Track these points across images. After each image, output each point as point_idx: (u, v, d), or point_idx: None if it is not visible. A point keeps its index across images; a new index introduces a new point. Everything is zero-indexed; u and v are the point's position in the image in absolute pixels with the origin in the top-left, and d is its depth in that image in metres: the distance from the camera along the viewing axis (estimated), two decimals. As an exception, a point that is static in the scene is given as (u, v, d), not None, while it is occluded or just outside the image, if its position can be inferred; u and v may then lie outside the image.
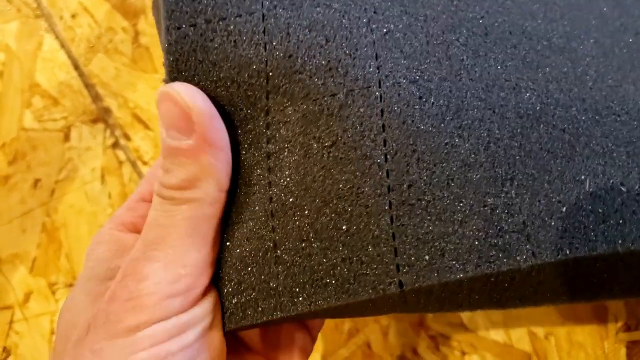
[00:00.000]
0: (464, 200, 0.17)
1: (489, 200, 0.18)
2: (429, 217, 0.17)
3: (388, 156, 0.18)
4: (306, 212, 0.18)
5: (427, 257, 0.17)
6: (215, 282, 0.19)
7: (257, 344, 0.22)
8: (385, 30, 0.19)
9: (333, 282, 0.18)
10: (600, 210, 0.18)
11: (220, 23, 0.18)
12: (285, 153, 0.18)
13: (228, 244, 0.19)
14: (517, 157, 0.18)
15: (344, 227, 0.18)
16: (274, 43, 0.18)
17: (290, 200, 0.18)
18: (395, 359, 0.33)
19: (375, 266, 0.17)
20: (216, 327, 0.19)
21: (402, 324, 0.33)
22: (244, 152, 0.19)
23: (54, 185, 0.35)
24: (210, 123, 0.18)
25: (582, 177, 0.18)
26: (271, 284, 0.18)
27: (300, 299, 0.18)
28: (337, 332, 0.33)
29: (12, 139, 0.36)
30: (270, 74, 0.18)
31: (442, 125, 0.18)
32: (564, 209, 0.18)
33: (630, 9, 0.23)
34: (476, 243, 0.17)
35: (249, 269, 0.18)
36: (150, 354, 0.16)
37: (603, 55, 0.21)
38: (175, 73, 0.18)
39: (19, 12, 0.38)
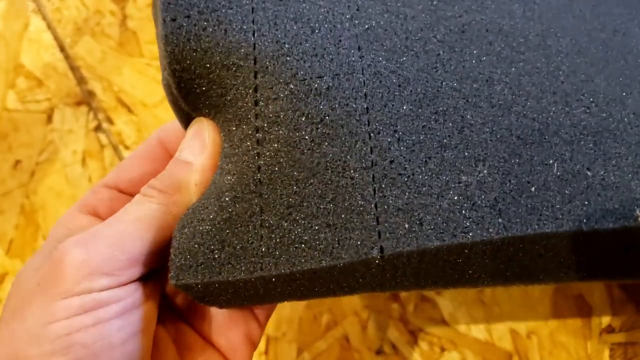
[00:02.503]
0: (440, 176, 0.19)
1: (463, 177, 0.19)
2: (408, 190, 0.19)
3: (372, 134, 0.20)
4: (294, 181, 0.19)
5: (406, 226, 0.19)
6: (159, 269, 0.21)
7: (204, 329, 0.23)
8: (367, 26, 0.21)
9: (317, 245, 0.19)
10: (567, 192, 0.20)
11: (212, 14, 0.20)
12: (274, 127, 0.20)
13: (215, 208, 0.20)
14: (489, 141, 0.20)
15: (330, 196, 0.19)
16: (262, 30, 0.20)
17: (278, 169, 0.20)
18: (374, 353, 0.32)
19: (358, 232, 0.19)
20: (141, 308, 0.20)
21: (381, 317, 0.33)
22: (234, 127, 0.21)
23: (34, 167, 0.35)
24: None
25: (551, 161, 0.20)
26: (254, 244, 0.19)
27: (282, 259, 0.19)
28: (315, 324, 0.32)
29: (-6, 118, 0.35)
30: (258, 55, 0.20)
31: (420, 110, 0.20)
32: (533, 189, 0.20)
33: (611, 8, 0.24)
34: (452, 215, 0.19)
35: (234, 229, 0.20)
36: (63, 325, 0.17)
37: (578, 53, 0.22)
38: (173, 63, 0.20)
39: (6, -9, 0.38)
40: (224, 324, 0.23)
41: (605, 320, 0.32)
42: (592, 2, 0.24)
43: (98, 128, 0.36)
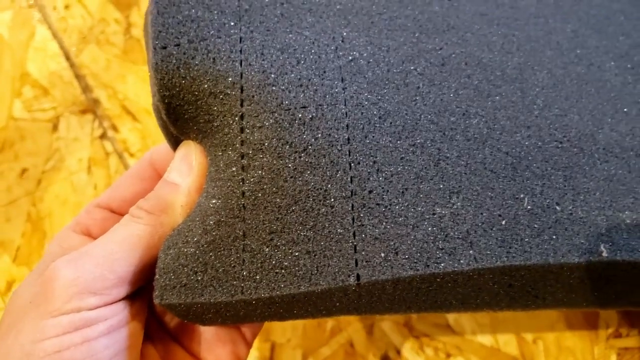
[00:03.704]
0: (416, 207, 0.20)
1: (437, 209, 0.20)
2: (385, 220, 0.20)
3: (352, 164, 0.20)
4: (276, 207, 0.20)
5: (382, 255, 0.20)
6: (145, 287, 0.22)
7: (193, 347, 0.24)
8: (350, 57, 0.22)
9: (297, 271, 0.20)
10: (536, 226, 0.20)
11: (202, 43, 0.21)
12: (259, 154, 0.21)
13: (200, 231, 0.21)
14: (464, 174, 0.21)
15: (310, 223, 0.20)
16: (249, 60, 0.21)
17: (261, 195, 0.20)
18: (379, 359, 0.32)
19: (336, 260, 0.20)
20: (127, 326, 0.20)
21: (386, 323, 0.33)
22: (220, 153, 0.21)
23: (40, 175, 0.35)
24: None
25: (522, 195, 0.21)
26: (236, 268, 0.20)
27: (263, 283, 0.20)
28: (319, 330, 0.33)
29: (1, 128, 0.36)
30: (245, 84, 0.21)
31: (399, 142, 0.21)
32: (504, 222, 0.20)
33: (587, 40, 0.25)
34: (426, 245, 0.20)
35: (217, 252, 0.20)
36: (53, 342, 0.18)
37: (553, 86, 0.23)
38: (163, 90, 0.21)
39: (12, 1, 0.38)
40: (212, 342, 0.24)
41: (613, 325, 0.32)
42: (569, 34, 0.25)
43: (103, 136, 0.36)
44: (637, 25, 0.26)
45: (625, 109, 0.23)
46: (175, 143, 0.23)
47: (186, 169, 0.22)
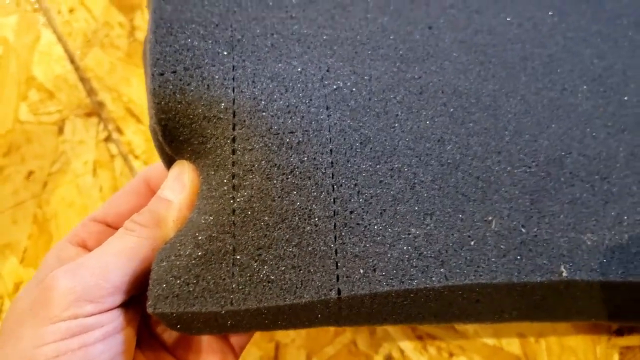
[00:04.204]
0: (393, 227, 0.22)
1: (412, 229, 0.22)
2: (365, 239, 0.22)
3: (335, 186, 0.22)
4: (264, 224, 0.22)
5: (361, 271, 0.21)
6: (138, 296, 0.23)
7: (183, 353, 0.25)
8: (335, 86, 0.23)
9: (282, 285, 0.21)
10: (502, 247, 0.22)
11: (197, 70, 0.22)
12: (249, 175, 0.22)
13: (191, 245, 0.22)
14: (437, 197, 0.22)
15: (295, 240, 0.21)
16: (241, 87, 0.22)
17: (250, 213, 0.22)
18: (382, 359, 0.32)
19: (319, 275, 0.21)
20: (122, 332, 0.21)
21: (389, 323, 0.33)
22: (212, 172, 0.23)
23: (46, 177, 0.36)
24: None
25: (490, 217, 0.22)
26: (226, 281, 0.21)
27: (251, 296, 0.21)
28: (323, 330, 0.33)
29: (7, 131, 0.36)
30: (237, 109, 0.22)
31: (378, 166, 0.22)
32: (473, 243, 0.22)
33: (563, 65, 0.26)
34: (401, 263, 0.21)
35: (208, 265, 0.22)
36: (52, 348, 0.19)
37: (525, 112, 0.24)
38: (159, 113, 0.22)
39: (18, 6, 0.39)
40: (202, 351, 0.25)
41: (615, 324, 0.32)
42: (545, 59, 0.26)
43: (108, 138, 0.37)
44: (613, 47, 0.26)
45: (593, 134, 0.24)
46: (169, 162, 0.25)
47: (179, 186, 0.23)
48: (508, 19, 0.26)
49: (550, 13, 0.27)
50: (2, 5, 0.39)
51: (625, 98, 0.25)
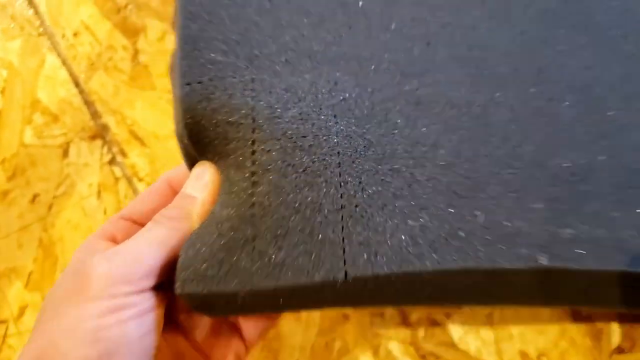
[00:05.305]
0: (393, 220, 0.25)
1: (409, 222, 0.25)
2: (368, 229, 0.25)
3: (342, 184, 0.25)
4: (280, 216, 0.25)
5: (365, 256, 0.24)
6: (168, 282, 0.25)
7: (199, 339, 0.28)
8: (341, 97, 0.26)
9: (297, 267, 0.24)
10: (488, 238, 0.25)
11: (220, 81, 0.26)
12: (267, 173, 0.25)
13: (215, 234, 0.25)
14: (431, 194, 0.25)
15: (308, 230, 0.24)
16: (260, 97, 0.25)
17: (268, 206, 0.25)
18: (386, 378, 0.33)
19: (329, 259, 0.24)
20: (153, 312, 0.24)
21: (392, 343, 0.33)
22: (233, 171, 0.26)
23: (51, 200, 0.36)
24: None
25: (478, 212, 0.25)
26: (246, 265, 0.24)
27: (269, 277, 0.24)
28: (327, 351, 0.33)
29: (12, 154, 0.37)
30: (256, 116, 0.25)
31: (379, 167, 0.26)
32: (462, 234, 0.25)
33: (551, 76, 0.28)
34: (399, 250, 0.24)
35: (231, 251, 0.24)
36: (93, 323, 0.21)
37: (512, 120, 0.27)
38: (187, 118, 0.25)
39: (22, 30, 0.39)
40: (217, 339, 0.28)
41: (615, 340, 0.33)
42: (534, 71, 0.28)
43: (112, 161, 0.37)
44: (601, 59, 0.29)
45: (575, 140, 0.27)
46: (192, 163, 0.27)
47: (201, 184, 0.26)
48: (501, 34, 0.29)
49: (542, 27, 0.29)
50: (6, 30, 0.40)
51: (609, 106, 0.28)
